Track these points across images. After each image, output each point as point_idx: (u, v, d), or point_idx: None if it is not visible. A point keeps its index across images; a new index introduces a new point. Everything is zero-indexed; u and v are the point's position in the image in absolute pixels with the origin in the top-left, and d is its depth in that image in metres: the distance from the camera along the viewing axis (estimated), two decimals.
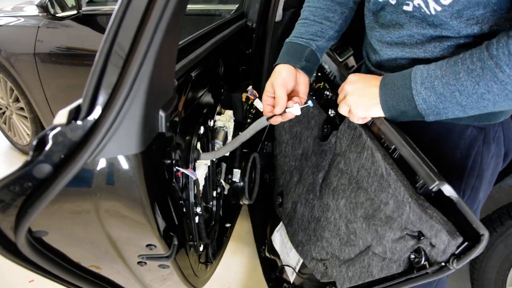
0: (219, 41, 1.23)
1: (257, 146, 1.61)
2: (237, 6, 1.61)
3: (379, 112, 0.84)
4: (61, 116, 0.57)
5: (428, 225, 0.74)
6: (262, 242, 1.60)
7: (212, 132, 1.17)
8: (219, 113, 1.30)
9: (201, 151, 1.04)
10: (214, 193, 1.23)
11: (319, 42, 1.01)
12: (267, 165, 1.70)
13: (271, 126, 1.53)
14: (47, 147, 0.56)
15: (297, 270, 1.26)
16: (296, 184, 1.25)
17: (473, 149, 0.91)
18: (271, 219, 1.63)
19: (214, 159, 1.17)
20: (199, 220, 1.05)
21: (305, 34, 1.01)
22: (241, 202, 1.42)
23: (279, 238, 1.37)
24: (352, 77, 0.88)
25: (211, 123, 1.16)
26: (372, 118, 0.89)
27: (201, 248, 1.13)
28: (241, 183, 1.36)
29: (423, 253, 0.77)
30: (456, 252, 0.70)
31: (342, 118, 1.11)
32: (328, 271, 1.07)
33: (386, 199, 0.86)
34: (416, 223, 0.78)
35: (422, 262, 0.77)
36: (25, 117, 2.49)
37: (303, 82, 0.98)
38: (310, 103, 0.97)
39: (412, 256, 0.79)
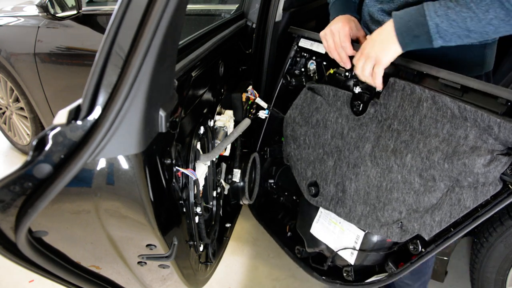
0: (219, 41, 1.23)
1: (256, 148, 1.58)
2: (237, 6, 1.61)
3: (397, 47, 0.94)
4: (61, 116, 0.57)
5: None
6: (294, 244, 1.53)
7: (212, 132, 1.17)
8: (219, 113, 1.30)
9: (201, 152, 1.04)
10: (214, 193, 1.23)
11: None
12: (269, 172, 1.66)
13: (277, 125, 1.51)
14: (47, 147, 0.56)
15: (358, 248, 1.23)
16: (334, 167, 1.26)
17: None
18: (289, 219, 1.62)
19: (214, 159, 1.17)
20: (199, 220, 1.05)
21: None
22: (241, 202, 1.42)
23: (321, 227, 1.34)
24: (367, 39, 1.02)
25: (211, 123, 1.16)
26: (418, 71, 1.01)
27: (201, 248, 1.13)
28: (241, 183, 1.37)
29: None
30: None
31: (371, 91, 1.16)
32: (408, 227, 1.08)
33: (465, 133, 0.93)
34: (509, 139, 0.85)
35: None
36: (25, 117, 2.49)
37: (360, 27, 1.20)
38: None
39: (509, 171, 0.88)
